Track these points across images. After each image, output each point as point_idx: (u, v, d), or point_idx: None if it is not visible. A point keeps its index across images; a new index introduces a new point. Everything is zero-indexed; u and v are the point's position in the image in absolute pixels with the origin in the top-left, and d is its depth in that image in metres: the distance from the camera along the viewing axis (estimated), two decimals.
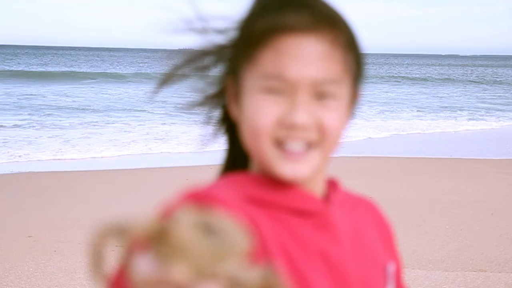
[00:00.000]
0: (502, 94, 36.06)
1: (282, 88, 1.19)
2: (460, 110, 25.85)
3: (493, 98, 32.81)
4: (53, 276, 5.96)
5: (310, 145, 1.21)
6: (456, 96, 34.36)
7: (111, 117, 20.67)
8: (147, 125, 18.49)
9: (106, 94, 29.98)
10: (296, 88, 1.19)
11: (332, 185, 1.33)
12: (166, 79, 1.36)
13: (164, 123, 18.75)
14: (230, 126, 1.36)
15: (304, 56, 1.19)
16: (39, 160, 12.41)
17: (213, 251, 0.71)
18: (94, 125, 18.30)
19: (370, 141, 15.65)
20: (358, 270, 1.26)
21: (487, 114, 24.41)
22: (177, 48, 1.37)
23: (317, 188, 1.28)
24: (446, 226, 7.72)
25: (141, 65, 65.13)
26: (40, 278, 5.92)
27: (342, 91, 1.23)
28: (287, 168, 1.20)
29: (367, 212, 1.39)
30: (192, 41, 1.33)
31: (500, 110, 26.03)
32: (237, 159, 1.38)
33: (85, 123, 18.84)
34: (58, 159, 12.59)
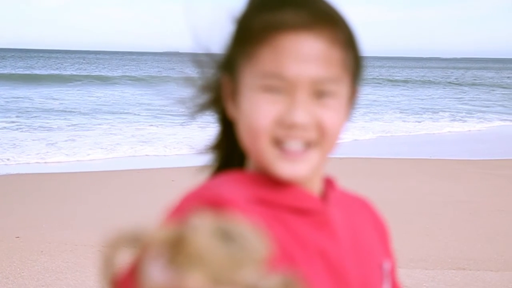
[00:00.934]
0: (481, 96, 36.29)
1: (281, 87, 1.17)
2: (441, 111, 25.98)
3: (473, 100, 33.02)
4: (40, 276, 5.96)
5: (309, 145, 1.19)
6: (437, 98, 34.54)
7: (97, 119, 20.62)
8: (133, 127, 18.46)
9: (93, 96, 29.89)
10: (295, 87, 1.16)
11: (328, 183, 1.31)
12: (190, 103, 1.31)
13: (151, 125, 18.74)
14: (225, 125, 1.32)
15: (303, 55, 1.16)
16: (27, 163, 12.37)
17: (231, 258, 0.67)
18: (81, 128, 18.25)
19: (356, 143, 15.70)
20: (357, 269, 1.24)
21: (468, 115, 24.56)
22: (179, 52, 1.33)
23: (315, 187, 1.26)
24: (427, 226, 7.79)
25: (127, 67, 64.97)
26: (27, 278, 5.92)
27: (341, 90, 1.20)
28: (286, 168, 1.18)
29: (364, 211, 1.38)
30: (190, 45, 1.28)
31: (481, 112, 26.20)
32: (232, 157, 1.34)
33: (72, 125, 18.78)
34: (45, 162, 12.55)
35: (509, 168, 11.63)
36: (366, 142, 16.36)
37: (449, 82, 50.83)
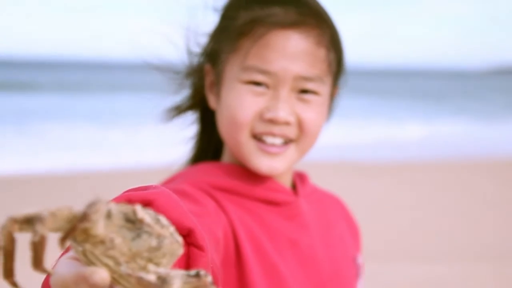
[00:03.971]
0: (389, 103, 36.81)
1: (265, 81, 1.12)
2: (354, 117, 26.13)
3: (388, 108, 33.43)
4: None
5: (288, 141, 1.15)
6: (350, 106, 34.71)
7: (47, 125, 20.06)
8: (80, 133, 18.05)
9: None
10: (279, 82, 1.12)
11: (300, 178, 1.27)
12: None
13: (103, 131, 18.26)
14: (204, 114, 1.27)
15: (289, 51, 1.11)
16: None
17: (138, 248, 0.61)
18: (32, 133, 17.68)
19: None
20: (329, 260, 1.20)
21: (388, 122, 24.72)
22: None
23: (287, 180, 1.22)
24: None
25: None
26: None
27: (324, 88, 1.16)
28: (265, 162, 1.14)
29: (335, 206, 1.34)
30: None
31: (398, 119, 26.44)
32: (208, 147, 1.29)
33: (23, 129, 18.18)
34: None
35: (411, 171, 11.98)
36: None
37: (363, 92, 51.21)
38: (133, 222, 0.61)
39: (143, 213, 0.62)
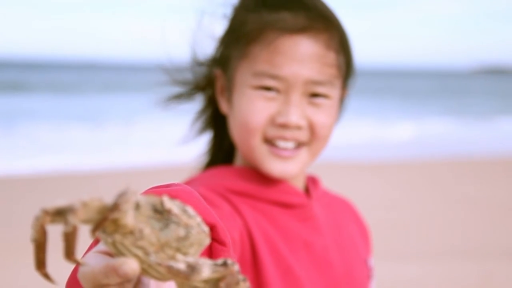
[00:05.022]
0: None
1: (276, 86, 1.12)
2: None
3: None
4: None
5: (300, 144, 1.16)
6: None
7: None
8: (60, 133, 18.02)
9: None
10: (290, 87, 1.12)
11: (312, 181, 1.28)
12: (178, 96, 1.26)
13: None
14: (216, 118, 1.27)
15: (298, 56, 1.11)
16: None
17: (167, 238, 0.61)
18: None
19: None
20: (341, 262, 1.21)
21: (377, 121, 24.81)
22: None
23: (299, 183, 1.22)
24: None
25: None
26: None
27: (333, 92, 1.17)
28: (277, 166, 1.14)
29: (346, 210, 1.35)
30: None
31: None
32: (219, 151, 1.29)
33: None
34: None
35: (400, 170, 12.07)
36: None
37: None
38: (161, 213, 0.62)
39: (170, 203, 0.62)
